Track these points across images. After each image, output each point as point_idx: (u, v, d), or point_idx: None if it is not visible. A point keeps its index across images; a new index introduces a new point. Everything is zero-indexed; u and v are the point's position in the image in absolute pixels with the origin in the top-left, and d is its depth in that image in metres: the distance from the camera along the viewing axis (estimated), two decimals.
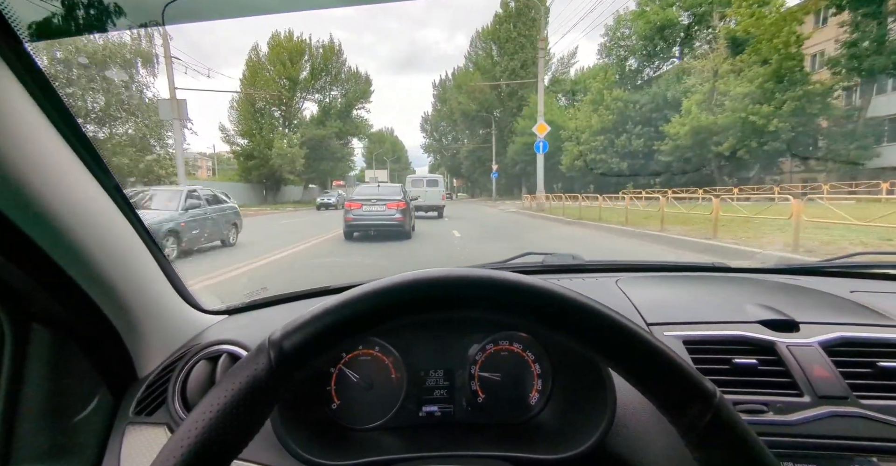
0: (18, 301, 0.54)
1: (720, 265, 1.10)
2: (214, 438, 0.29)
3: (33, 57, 0.45)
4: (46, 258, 0.51)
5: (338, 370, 0.74)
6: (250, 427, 0.30)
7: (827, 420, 0.57)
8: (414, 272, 0.34)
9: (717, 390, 0.31)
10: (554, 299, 0.33)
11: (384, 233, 8.44)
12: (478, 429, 0.71)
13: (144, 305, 0.68)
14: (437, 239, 8.87)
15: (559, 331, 0.34)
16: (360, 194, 8.83)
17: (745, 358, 0.64)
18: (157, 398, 0.69)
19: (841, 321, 0.69)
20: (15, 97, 0.45)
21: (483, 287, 0.33)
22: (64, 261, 0.53)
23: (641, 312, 0.77)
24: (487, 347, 0.75)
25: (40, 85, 0.47)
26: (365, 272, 5.27)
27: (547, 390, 0.73)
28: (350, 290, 0.33)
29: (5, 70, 0.44)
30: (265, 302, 0.95)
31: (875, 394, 0.59)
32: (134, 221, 0.65)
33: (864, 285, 0.91)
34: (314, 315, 0.32)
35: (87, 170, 0.56)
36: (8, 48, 0.43)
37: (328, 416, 0.72)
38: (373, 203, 8.45)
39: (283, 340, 0.32)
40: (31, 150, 0.47)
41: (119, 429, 0.66)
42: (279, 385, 0.31)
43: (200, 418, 0.29)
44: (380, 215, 8.37)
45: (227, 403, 0.29)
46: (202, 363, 0.69)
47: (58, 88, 0.48)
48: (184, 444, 0.28)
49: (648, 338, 0.32)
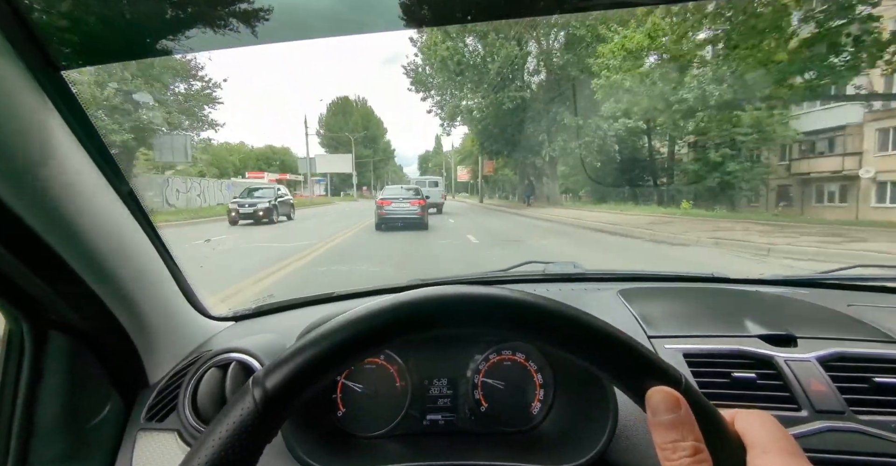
0: (38, 309, 0.56)
1: (720, 277, 1.12)
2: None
3: (65, 80, 0.47)
4: (66, 267, 0.52)
5: (343, 379, 0.75)
6: (247, 463, 0.31)
7: (823, 434, 0.59)
8: (387, 298, 0.34)
9: (682, 376, 0.32)
10: (514, 304, 0.34)
11: (408, 224, 10.80)
12: (480, 438, 0.73)
13: (156, 312, 0.69)
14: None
15: (524, 333, 0.35)
16: (389, 194, 11.36)
17: (744, 372, 0.65)
18: (167, 405, 0.70)
19: (838, 336, 0.71)
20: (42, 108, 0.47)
21: (454, 303, 0.34)
22: (82, 269, 0.54)
23: (642, 324, 0.78)
24: (490, 357, 0.77)
25: (67, 102, 0.49)
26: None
27: (549, 400, 0.74)
28: (327, 323, 0.33)
29: (40, 94, 0.46)
30: (271, 309, 0.96)
31: (871, 409, 0.60)
32: (148, 228, 0.67)
33: (861, 298, 0.92)
34: (294, 350, 0.32)
35: (104, 179, 0.57)
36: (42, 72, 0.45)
37: (334, 423, 0.73)
38: (400, 201, 10.98)
39: (266, 380, 0.32)
40: (54, 161, 0.49)
41: (131, 435, 0.68)
42: (268, 426, 0.31)
43: (197, 462, 0.29)
44: (405, 210, 10.87)
45: (218, 448, 0.30)
46: (212, 371, 0.71)
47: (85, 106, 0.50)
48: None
49: (614, 332, 0.33)
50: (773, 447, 0.29)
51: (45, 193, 0.47)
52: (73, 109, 0.51)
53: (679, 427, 0.30)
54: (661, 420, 0.30)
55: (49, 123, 0.48)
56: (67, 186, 0.51)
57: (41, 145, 0.47)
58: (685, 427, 0.30)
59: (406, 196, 11.14)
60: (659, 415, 0.30)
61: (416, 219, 10.81)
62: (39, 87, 0.46)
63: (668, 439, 0.29)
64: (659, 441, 0.30)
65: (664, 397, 0.31)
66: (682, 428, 0.29)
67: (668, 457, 0.29)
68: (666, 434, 0.30)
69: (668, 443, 0.29)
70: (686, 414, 0.30)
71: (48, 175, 0.48)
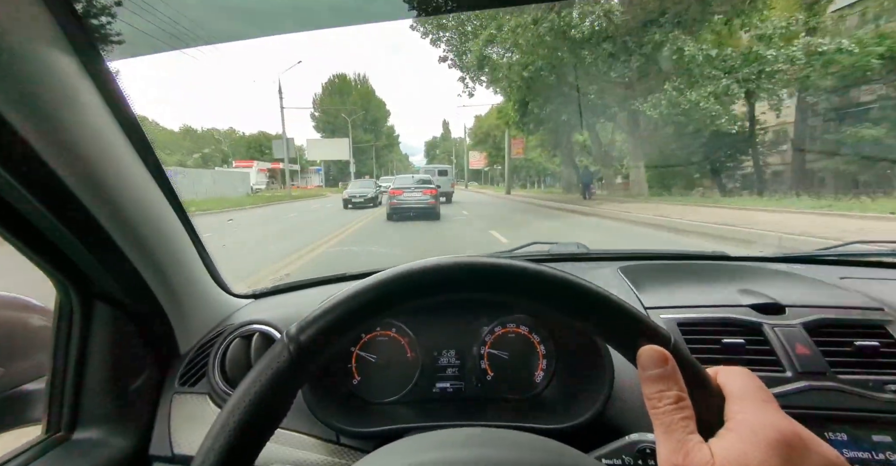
0: (86, 282, 0.62)
1: (719, 254, 1.15)
2: (251, 421, 0.33)
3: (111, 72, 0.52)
4: (113, 244, 0.58)
5: (357, 350, 0.81)
6: (281, 409, 0.35)
7: (805, 393, 0.63)
8: (406, 265, 0.38)
9: (671, 335, 0.36)
10: (514, 271, 0.37)
11: (420, 213, 10.67)
12: (486, 403, 0.78)
13: (187, 288, 0.75)
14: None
15: (523, 298, 0.38)
16: (400, 184, 11.40)
17: (734, 339, 0.69)
18: (197, 372, 0.77)
19: (825, 304, 0.74)
20: (92, 101, 0.53)
21: (461, 271, 0.37)
22: (126, 247, 0.60)
23: (640, 296, 0.82)
24: (496, 329, 0.81)
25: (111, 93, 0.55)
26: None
27: (551, 368, 0.79)
28: (352, 285, 0.38)
29: (88, 82, 0.51)
30: (288, 287, 1.02)
31: (851, 370, 0.64)
32: (181, 213, 0.73)
33: (856, 272, 0.95)
34: (325, 309, 0.37)
35: (145, 167, 0.64)
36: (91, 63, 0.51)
37: (350, 391, 0.79)
38: (412, 190, 10.97)
39: (300, 334, 0.36)
40: (107, 154, 0.55)
41: (167, 398, 0.75)
42: (301, 374, 0.36)
43: (238, 405, 0.34)
44: (418, 199, 10.88)
45: (257, 392, 0.34)
46: (238, 341, 0.77)
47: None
48: (229, 422, 0.33)
49: (610, 296, 0.37)
50: (748, 395, 0.33)
51: (98, 180, 0.54)
52: (121, 104, 0.57)
53: (665, 380, 0.33)
54: (649, 374, 0.34)
55: (101, 118, 0.54)
56: (117, 173, 0.57)
57: (96, 139, 0.53)
58: (670, 380, 0.33)
59: (418, 186, 11.27)
60: (648, 370, 0.34)
61: (428, 208, 10.93)
62: (89, 80, 0.52)
63: (655, 389, 0.33)
64: (647, 392, 0.33)
65: (653, 353, 0.34)
66: (668, 380, 0.33)
67: (655, 406, 0.33)
68: (653, 386, 0.33)
69: (655, 393, 0.33)
70: (672, 368, 0.33)
71: (101, 166, 0.54)
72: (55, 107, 0.47)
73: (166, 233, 0.68)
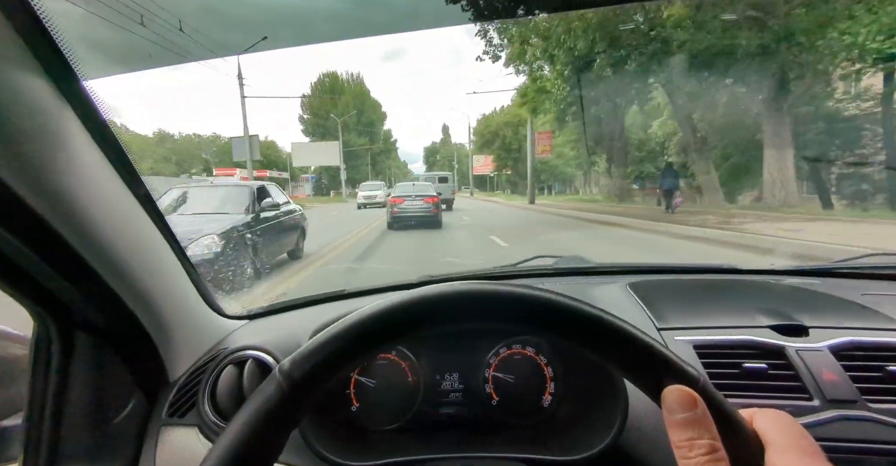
0: (63, 310, 0.58)
1: (730, 268, 1.11)
2: (242, 463, 0.31)
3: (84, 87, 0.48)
4: (87, 268, 0.54)
5: (356, 375, 0.77)
6: (273, 449, 0.33)
7: (836, 423, 0.58)
8: (401, 295, 0.35)
9: (700, 374, 0.33)
10: (534, 302, 0.35)
11: (421, 222, 10.53)
12: (492, 430, 0.74)
13: (175, 312, 0.71)
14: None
15: (543, 330, 0.36)
16: (402, 191, 11.13)
17: (755, 363, 0.65)
18: (187, 401, 0.73)
19: (850, 325, 0.70)
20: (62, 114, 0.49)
21: (467, 300, 0.35)
22: (103, 270, 0.56)
23: (651, 317, 0.79)
24: (500, 351, 0.78)
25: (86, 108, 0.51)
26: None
27: (560, 392, 0.75)
28: (346, 317, 0.35)
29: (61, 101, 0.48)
30: (284, 307, 0.98)
31: (884, 398, 0.60)
32: (164, 230, 0.69)
33: (875, 287, 0.91)
34: (321, 342, 0.34)
35: (122, 182, 0.59)
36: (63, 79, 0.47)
37: (349, 418, 0.75)
38: (413, 199, 10.70)
39: (293, 370, 0.33)
40: (75, 166, 0.51)
41: (153, 430, 0.70)
42: (294, 412, 0.33)
43: (229, 447, 0.31)
44: (419, 207, 10.67)
45: (247, 432, 0.32)
46: (230, 368, 0.73)
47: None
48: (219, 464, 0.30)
49: (632, 331, 0.34)
50: (791, 446, 0.29)
51: (66, 196, 0.49)
52: (93, 115, 0.53)
53: (695, 426, 0.30)
54: (677, 419, 0.30)
55: (70, 129, 0.50)
56: (88, 189, 0.52)
57: (63, 150, 0.49)
58: (701, 426, 0.30)
59: (419, 193, 11.10)
60: (675, 413, 0.30)
61: (430, 216, 10.79)
62: (60, 94, 0.48)
63: (685, 437, 0.29)
64: (675, 439, 0.30)
65: (680, 395, 0.31)
66: (699, 426, 0.29)
67: (685, 455, 0.29)
68: (682, 433, 0.30)
69: (685, 441, 0.29)
70: (702, 413, 0.30)
71: (70, 180, 0.50)
72: (19, 121, 0.43)
73: (149, 253, 0.65)
